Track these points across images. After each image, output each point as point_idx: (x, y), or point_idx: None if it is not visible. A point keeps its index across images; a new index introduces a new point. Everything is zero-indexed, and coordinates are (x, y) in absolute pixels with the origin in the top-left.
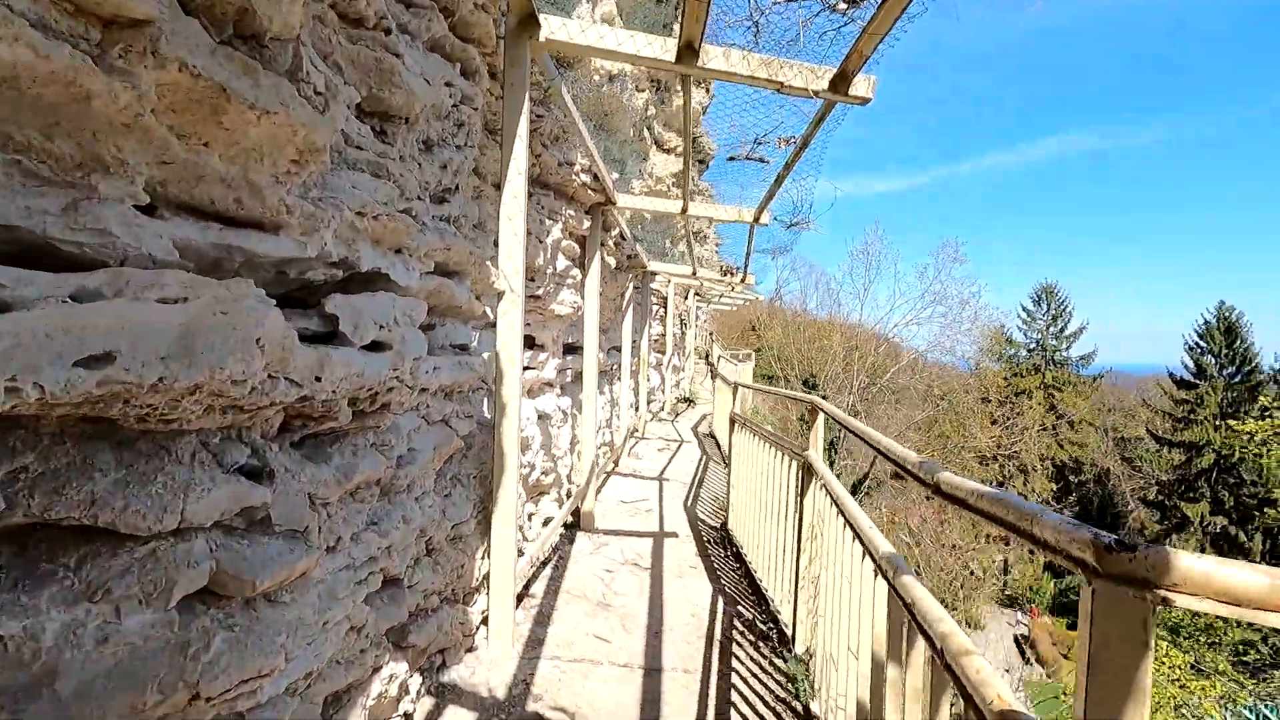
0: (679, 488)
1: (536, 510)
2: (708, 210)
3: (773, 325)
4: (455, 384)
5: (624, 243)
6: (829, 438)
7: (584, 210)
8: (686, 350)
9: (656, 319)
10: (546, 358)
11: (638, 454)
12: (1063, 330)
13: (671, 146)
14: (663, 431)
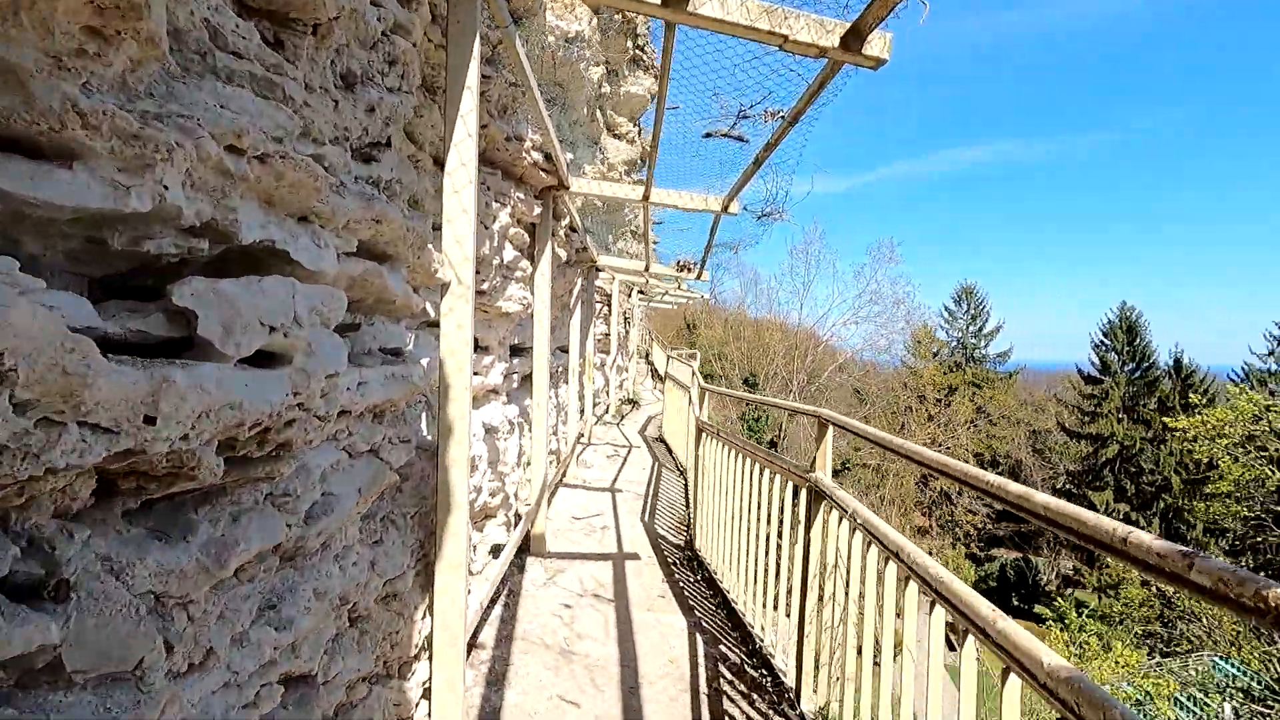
0: (633, 499)
1: (483, 537)
2: (672, 198)
3: (712, 324)
4: (388, 402)
5: (574, 235)
6: (768, 434)
7: (534, 194)
8: (629, 350)
9: (600, 317)
10: (492, 361)
11: (586, 462)
12: (981, 329)
13: (624, 132)
14: (609, 436)
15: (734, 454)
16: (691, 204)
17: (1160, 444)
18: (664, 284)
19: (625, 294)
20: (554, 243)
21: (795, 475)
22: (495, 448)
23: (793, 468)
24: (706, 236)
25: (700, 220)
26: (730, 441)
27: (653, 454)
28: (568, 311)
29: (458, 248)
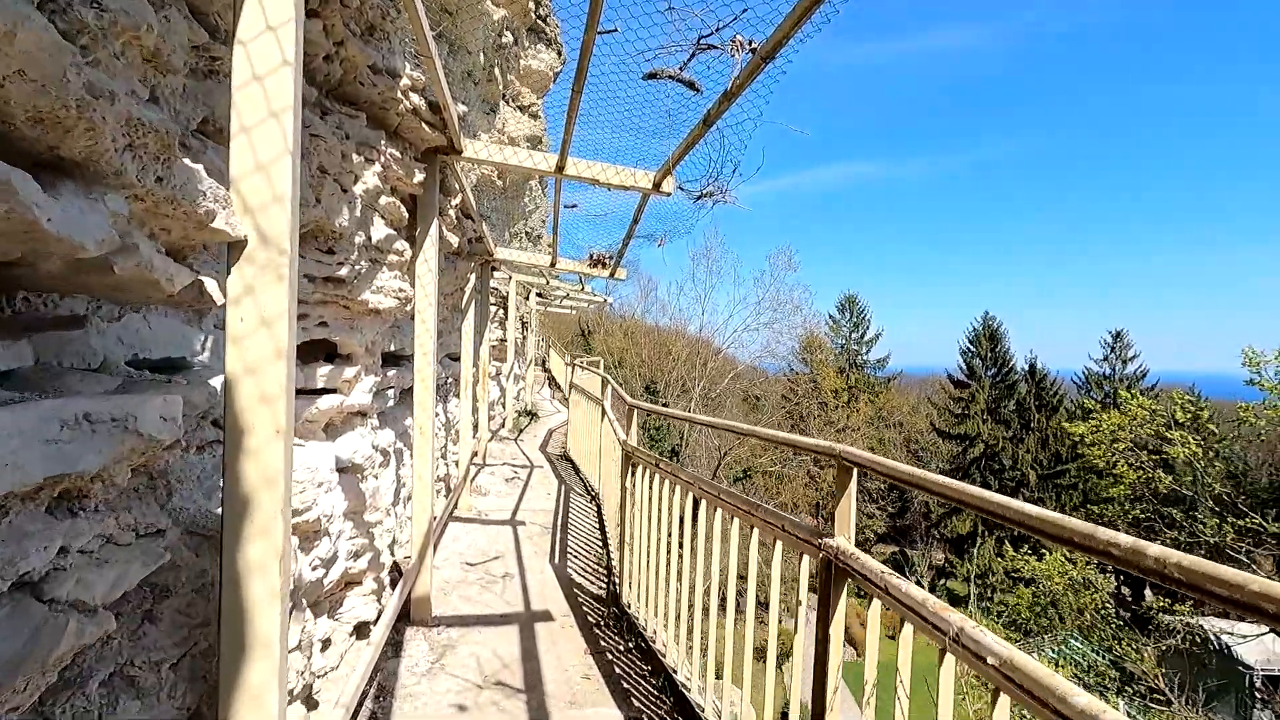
0: (539, 534)
1: (339, 618)
2: (593, 171)
3: (610, 330)
4: (118, 461)
5: (469, 221)
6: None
7: (416, 157)
8: (527, 357)
9: (496, 321)
10: (356, 375)
11: (482, 488)
12: (863, 337)
13: (528, 104)
14: (508, 454)
15: (692, 498)
16: (616, 178)
17: (1019, 443)
18: (566, 285)
19: (523, 296)
20: (442, 224)
21: (801, 540)
22: (359, 492)
23: (796, 529)
24: (625, 230)
25: (619, 209)
26: (693, 485)
27: (558, 474)
28: (459, 313)
29: (261, 180)
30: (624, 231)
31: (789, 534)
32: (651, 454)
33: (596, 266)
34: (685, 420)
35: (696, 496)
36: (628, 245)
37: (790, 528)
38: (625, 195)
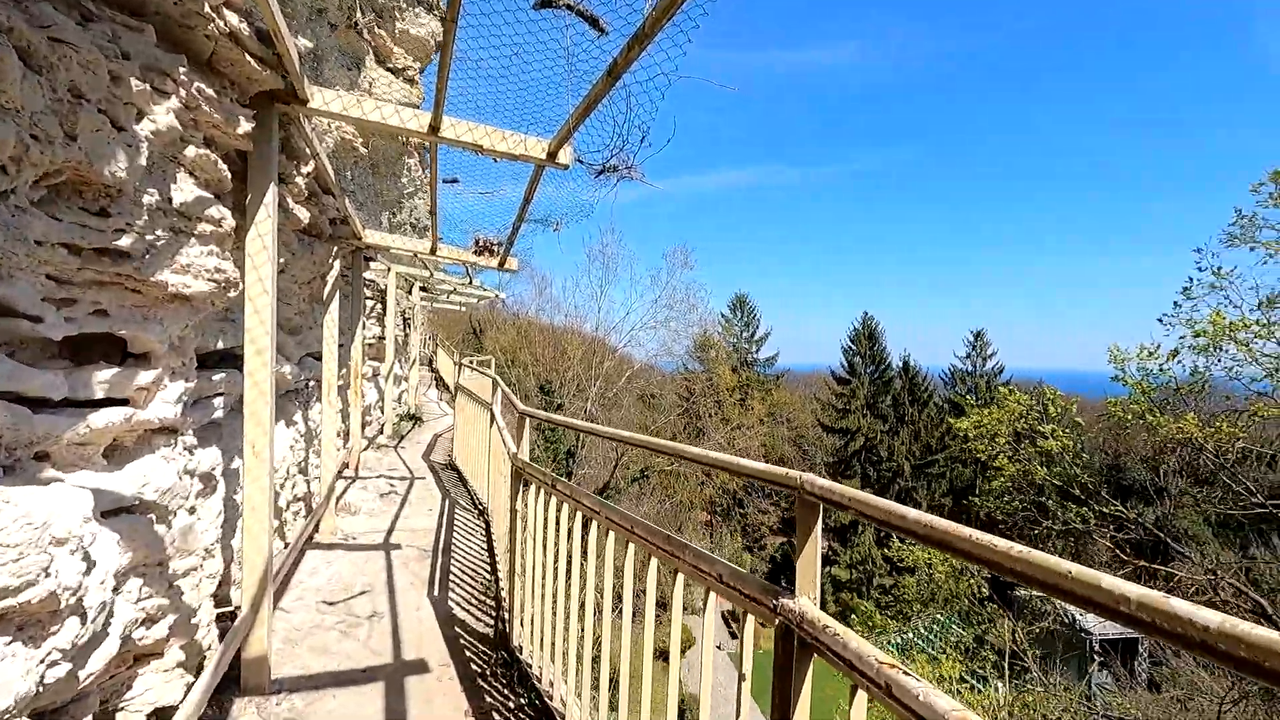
0: (417, 560)
1: (125, 708)
2: (476, 135)
3: (505, 328)
4: None
5: (327, 197)
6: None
7: (242, 101)
8: (410, 356)
9: (373, 317)
10: (156, 379)
11: (351, 506)
12: (753, 335)
13: (402, 66)
14: (386, 464)
15: (596, 527)
16: (504, 145)
17: (895, 435)
18: (453, 278)
19: (404, 290)
20: (287, 193)
21: (747, 598)
22: (154, 538)
23: (740, 582)
24: (516, 212)
25: (508, 186)
26: (598, 514)
27: (442, 487)
28: (318, 305)
29: None
30: (514, 213)
31: (729, 587)
32: (547, 472)
33: (483, 255)
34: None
35: (602, 526)
36: (519, 230)
37: (731, 580)
38: (515, 169)
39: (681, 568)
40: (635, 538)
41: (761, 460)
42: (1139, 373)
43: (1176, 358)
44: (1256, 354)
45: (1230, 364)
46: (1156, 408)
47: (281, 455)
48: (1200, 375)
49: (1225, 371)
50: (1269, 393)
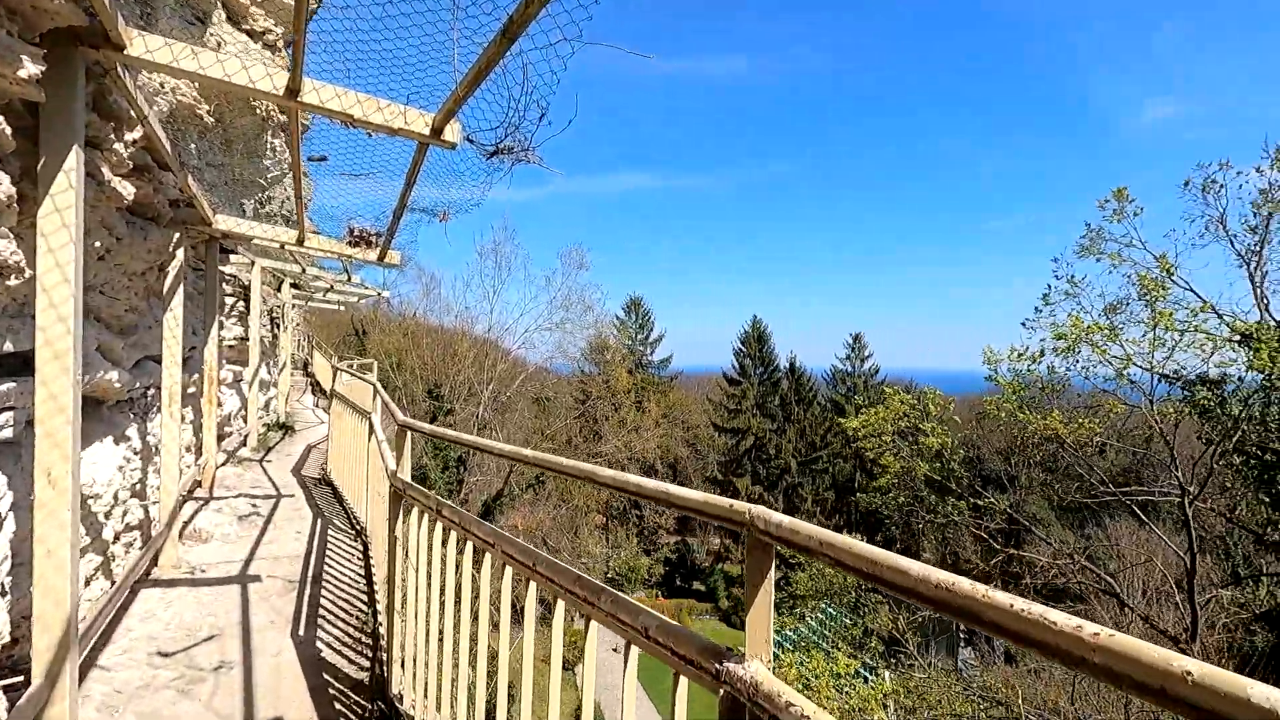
0: (281, 594)
1: None
2: (346, 103)
3: (390, 330)
4: None
5: (165, 174)
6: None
7: (27, 37)
8: (280, 360)
9: (234, 316)
10: None
11: (202, 532)
12: (648, 338)
13: (260, 29)
14: (248, 481)
15: (491, 562)
16: (379, 117)
17: (782, 434)
18: (330, 275)
19: (273, 286)
20: (102, 161)
21: (690, 666)
22: None
23: (672, 638)
24: (397, 198)
25: (388, 167)
26: (493, 547)
27: (314, 505)
28: (157, 300)
29: None
30: (396, 200)
31: (658, 645)
32: (432, 494)
33: (359, 246)
34: (512, 459)
35: (497, 561)
36: (401, 219)
37: (661, 636)
38: (395, 147)
39: (595, 615)
40: (537, 576)
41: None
42: (1010, 373)
43: (1042, 358)
44: (1107, 355)
45: (1085, 364)
46: (1025, 405)
47: (108, 478)
48: (1057, 374)
49: (1080, 372)
50: (1114, 390)
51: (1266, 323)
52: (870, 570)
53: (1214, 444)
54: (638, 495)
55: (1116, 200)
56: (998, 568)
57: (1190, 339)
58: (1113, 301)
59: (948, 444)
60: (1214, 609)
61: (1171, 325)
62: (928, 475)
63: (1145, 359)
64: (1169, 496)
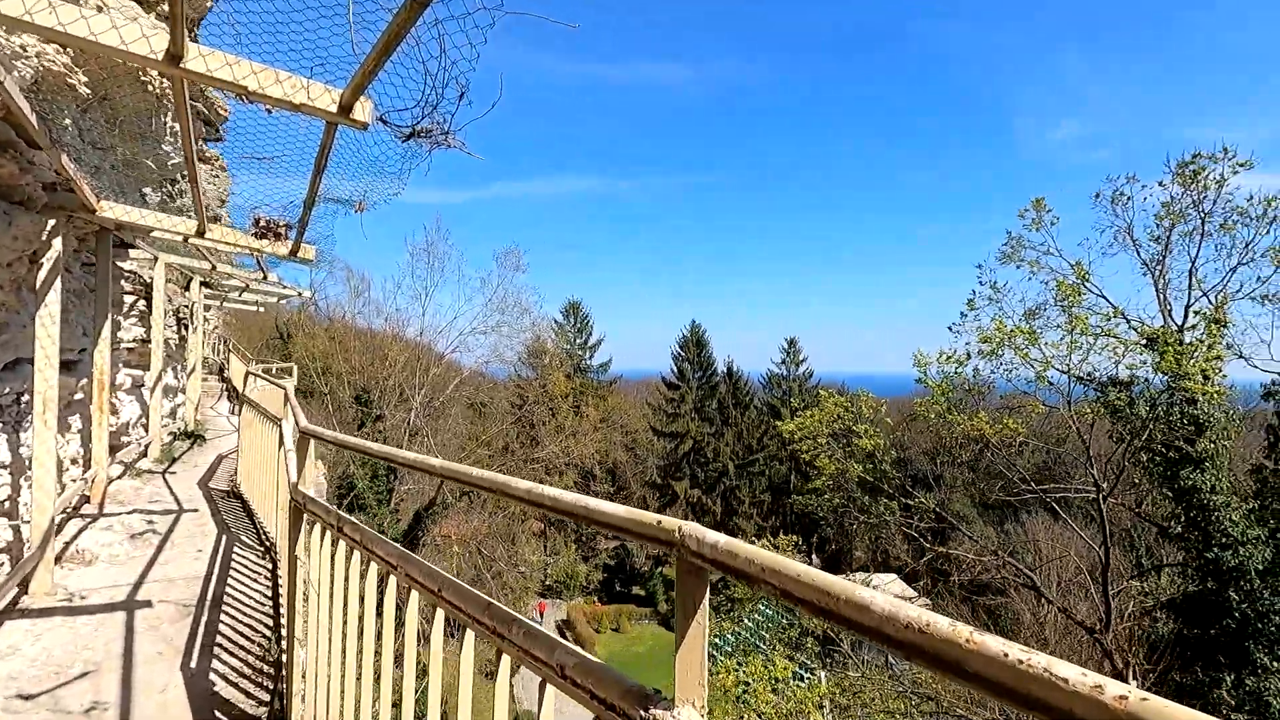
0: (175, 618)
1: None
2: (240, 73)
3: (316, 333)
4: None
5: (34, 151)
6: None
7: None
8: (189, 363)
9: (135, 316)
10: None
11: (86, 553)
12: (587, 342)
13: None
14: (147, 495)
15: (396, 585)
16: (278, 90)
17: (720, 437)
18: (244, 272)
19: (181, 285)
20: None
21: (612, 712)
22: None
23: (590, 679)
24: (307, 185)
25: (296, 149)
26: (397, 570)
27: (220, 520)
28: (29, 295)
29: None
30: (306, 188)
31: (576, 686)
32: (332, 509)
33: (267, 239)
34: (418, 468)
35: (402, 585)
36: (313, 209)
37: (579, 675)
38: (302, 128)
39: (507, 649)
40: (444, 602)
41: (596, 467)
42: (939, 375)
43: (969, 361)
44: (1028, 358)
45: (1007, 367)
46: (953, 407)
47: None
48: (982, 376)
49: (1003, 374)
50: (1033, 392)
51: (1169, 327)
52: (823, 603)
53: (1124, 442)
54: (554, 511)
55: (1035, 210)
56: (927, 566)
57: (1104, 343)
58: (1032, 306)
59: (880, 445)
60: (1123, 599)
61: (1087, 329)
62: (861, 477)
63: (1063, 361)
64: (1084, 493)
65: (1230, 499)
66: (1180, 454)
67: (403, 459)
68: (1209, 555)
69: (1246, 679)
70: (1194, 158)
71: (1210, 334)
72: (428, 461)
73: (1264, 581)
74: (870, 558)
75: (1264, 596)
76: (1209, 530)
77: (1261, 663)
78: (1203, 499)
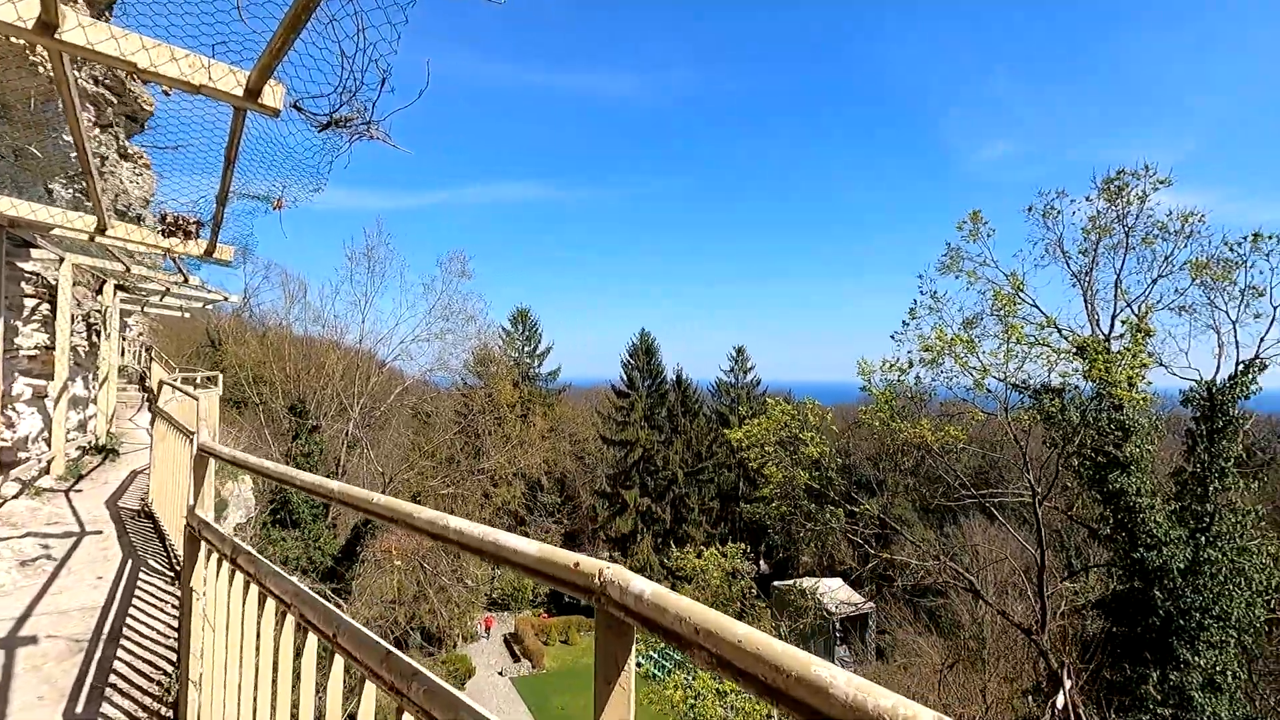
0: (63, 655)
1: None
2: (126, 48)
3: (246, 340)
4: None
5: None
6: (321, 471)
7: None
8: (102, 373)
9: (36, 320)
10: None
11: None
12: (535, 350)
13: None
14: (45, 516)
15: (293, 624)
16: (175, 69)
17: (669, 445)
18: (163, 275)
19: (92, 289)
20: None
21: None
22: None
23: None
24: (219, 178)
25: (205, 139)
26: (292, 608)
27: (127, 543)
28: None
29: None
30: (218, 182)
31: None
32: (228, 537)
33: (176, 237)
34: (317, 493)
35: (299, 625)
36: (226, 205)
37: None
38: (210, 114)
39: (406, 706)
40: (340, 649)
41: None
42: (882, 383)
43: (911, 369)
44: (968, 366)
45: (948, 375)
46: (897, 414)
47: None
48: (923, 384)
49: (944, 382)
50: (971, 400)
51: (1097, 336)
52: (771, 680)
53: (1057, 447)
54: (459, 545)
55: (973, 222)
56: (872, 571)
57: (1038, 351)
58: (970, 316)
59: (825, 453)
60: (1056, 599)
61: (1022, 338)
62: (807, 484)
63: (1000, 369)
64: (1020, 497)
65: (1154, 501)
66: (1108, 458)
67: (300, 481)
68: (1135, 555)
69: (1171, 674)
70: (1119, 174)
71: (1135, 343)
72: (325, 486)
73: (1185, 580)
74: (817, 562)
75: (1185, 594)
76: (1135, 531)
77: (1184, 658)
78: (1129, 501)
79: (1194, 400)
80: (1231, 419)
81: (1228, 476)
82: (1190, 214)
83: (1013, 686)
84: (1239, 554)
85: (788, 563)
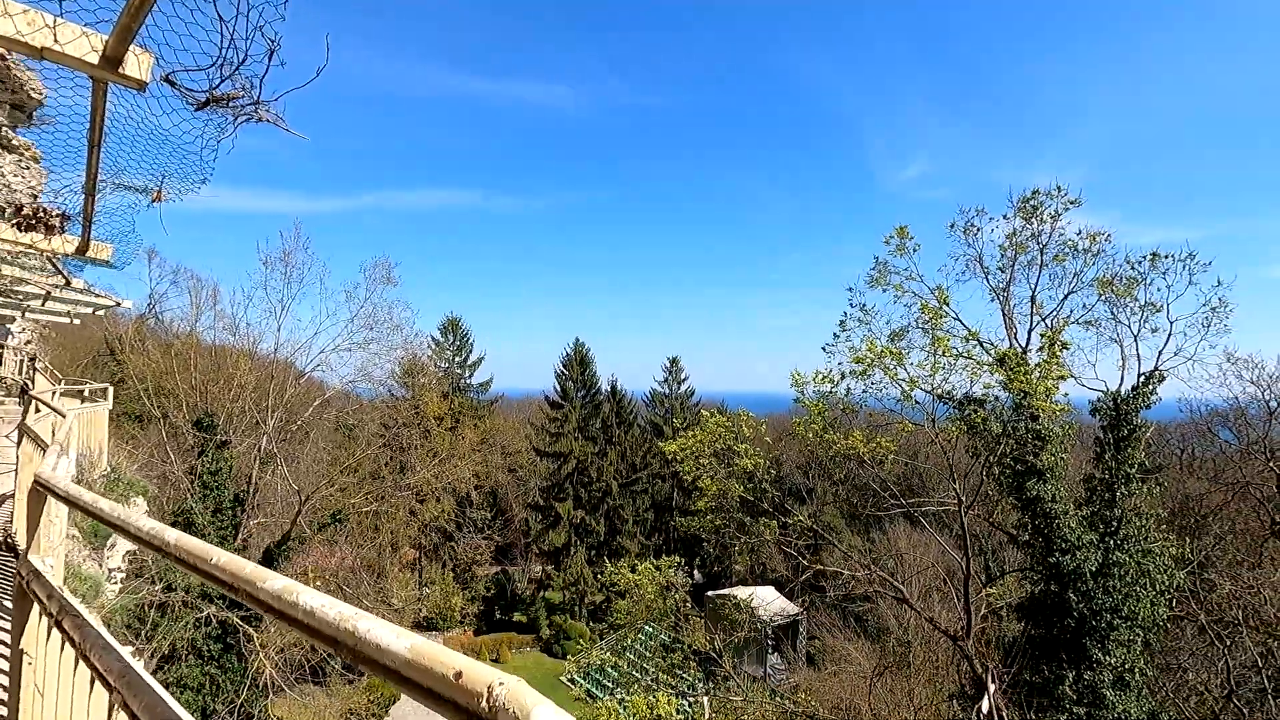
0: None
1: None
2: None
3: (147, 349)
4: None
5: None
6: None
7: None
8: None
9: None
10: None
11: None
12: (466, 360)
13: None
14: None
15: None
16: (5, 25)
17: (604, 456)
18: (41, 277)
19: None
20: None
21: None
22: None
23: None
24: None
25: (62, 117)
26: (127, 711)
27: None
28: None
29: None
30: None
31: None
32: (57, 591)
33: (35, 230)
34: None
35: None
36: (95, 195)
37: None
38: (65, 86)
39: None
40: None
41: (472, 491)
42: (815, 395)
43: (842, 381)
44: (896, 378)
45: (877, 386)
46: (830, 426)
47: None
48: (854, 395)
49: (874, 393)
50: (899, 411)
51: (1014, 348)
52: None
53: (980, 456)
54: (308, 632)
55: (899, 237)
56: (803, 582)
57: (962, 363)
58: (897, 328)
59: (760, 465)
60: (978, 604)
61: (949, 350)
62: (742, 496)
63: (927, 381)
64: (945, 505)
65: (1068, 507)
66: (1026, 466)
67: (135, 529)
68: (1051, 560)
69: (1085, 673)
70: (1033, 194)
71: (1052, 355)
72: (162, 536)
73: (1096, 582)
74: (750, 571)
75: (1097, 596)
76: (1051, 536)
77: (1096, 657)
78: (1045, 508)
79: (1101, 410)
80: (1135, 428)
81: (1132, 482)
82: (1098, 233)
83: (939, 691)
84: (1144, 556)
85: (721, 574)
